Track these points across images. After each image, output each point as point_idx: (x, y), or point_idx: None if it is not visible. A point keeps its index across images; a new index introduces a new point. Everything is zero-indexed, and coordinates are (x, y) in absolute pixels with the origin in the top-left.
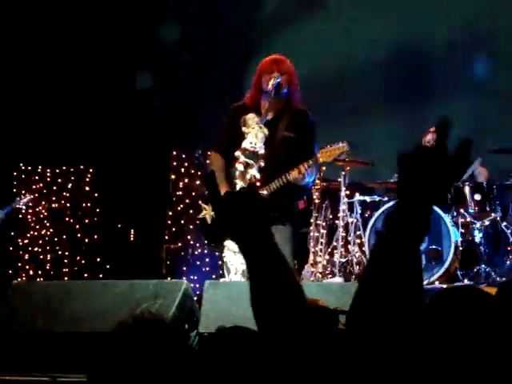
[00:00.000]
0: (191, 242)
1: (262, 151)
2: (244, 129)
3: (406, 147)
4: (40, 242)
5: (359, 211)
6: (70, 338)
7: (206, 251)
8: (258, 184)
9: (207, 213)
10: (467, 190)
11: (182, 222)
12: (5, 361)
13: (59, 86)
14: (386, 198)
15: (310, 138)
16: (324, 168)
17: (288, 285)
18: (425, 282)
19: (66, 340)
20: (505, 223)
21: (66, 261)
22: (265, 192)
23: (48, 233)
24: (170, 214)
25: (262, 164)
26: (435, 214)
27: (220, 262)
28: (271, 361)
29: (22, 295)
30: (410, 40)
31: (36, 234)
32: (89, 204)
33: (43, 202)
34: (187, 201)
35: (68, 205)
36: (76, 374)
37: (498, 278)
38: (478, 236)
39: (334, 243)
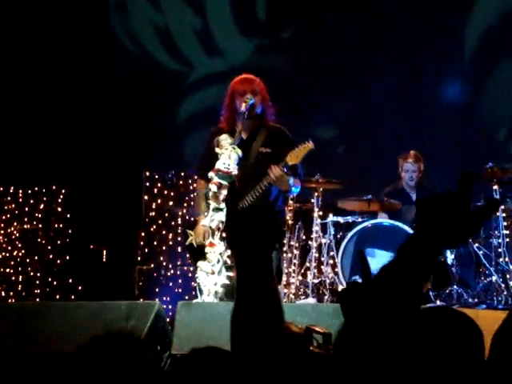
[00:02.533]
0: (164, 263)
1: (235, 172)
2: (217, 150)
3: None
4: (11, 262)
5: (332, 232)
6: (41, 359)
7: (178, 272)
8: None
9: (193, 238)
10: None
11: (155, 242)
12: None
13: (31, 107)
14: (359, 219)
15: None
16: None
17: (271, 310)
18: None
19: (37, 361)
20: (477, 244)
21: (37, 282)
22: (246, 203)
23: (20, 254)
24: (143, 234)
25: (236, 185)
26: (407, 235)
27: (193, 284)
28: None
29: None
30: None
31: (7, 254)
32: (61, 225)
33: (15, 223)
34: (160, 222)
35: (40, 225)
36: None
37: (470, 299)
38: (450, 257)
39: (307, 264)
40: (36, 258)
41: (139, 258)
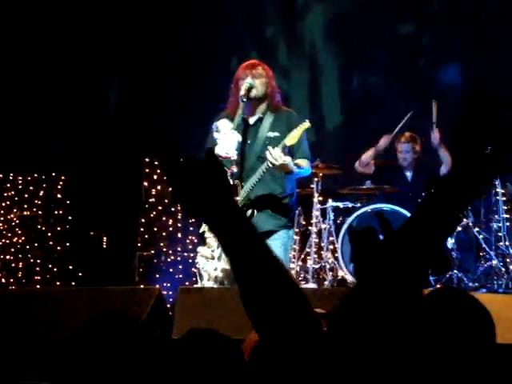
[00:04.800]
0: (164, 249)
1: (234, 157)
2: (216, 135)
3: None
4: (12, 249)
5: (332, 217)
6: (40, 344)
7: (178, 258)
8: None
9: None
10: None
11: (155, 229)
12: None
13: (29, 94)
14: (358, 204)
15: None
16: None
17: (273, 265)
18: None
19: (37, 346)
20: (477, 229)
21: (37, 268)
22: (248, 189)
23: (20, 240)
24: (143, 221)
25: (235, 170)
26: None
27: (193, 269)
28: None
29: None
30: None
31: (8, 241)
32: (61, 211)
33: (15, 210)
34: (160, 208)
35: (40, 212)
36: (44, 381)
37: (470, 284)
38: (450, 241)
39: (307, 249)
40: (36, 244)
41: (139, 244)
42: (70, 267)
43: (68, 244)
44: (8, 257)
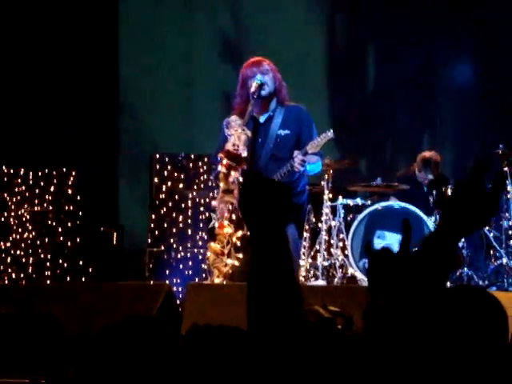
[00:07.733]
0: (174, 246)
1: (244, 154)
2: (226, 131)
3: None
4: (22, 245)
5: (342, 214)
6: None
7: (188, 254)
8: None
9: (216, 222)
10: (450, 193)
11: (165, 225)
12: None
13: (41, 89)
14: (368, 202)
15: (309, 131)
16: None
17: (289, 285)
18: None
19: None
20: (487, 227)
21: (48, 264)
22: None
23: (30, 236)
24: (153, 217)
25: (245, 167)
26: (418, 217)
27: (203, 266)
28: (252, 360)
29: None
30: None
31: (18, 237)
32: (71, 207)
33: (25, 205)
34: (170, 204)
35: (50, 208)
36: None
37: (480, 282)
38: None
39: (317, 246)
40: (47, 240)
41: (149, 241)
42: (81, 263)
43: (78, 240)
44: (18, 252)
